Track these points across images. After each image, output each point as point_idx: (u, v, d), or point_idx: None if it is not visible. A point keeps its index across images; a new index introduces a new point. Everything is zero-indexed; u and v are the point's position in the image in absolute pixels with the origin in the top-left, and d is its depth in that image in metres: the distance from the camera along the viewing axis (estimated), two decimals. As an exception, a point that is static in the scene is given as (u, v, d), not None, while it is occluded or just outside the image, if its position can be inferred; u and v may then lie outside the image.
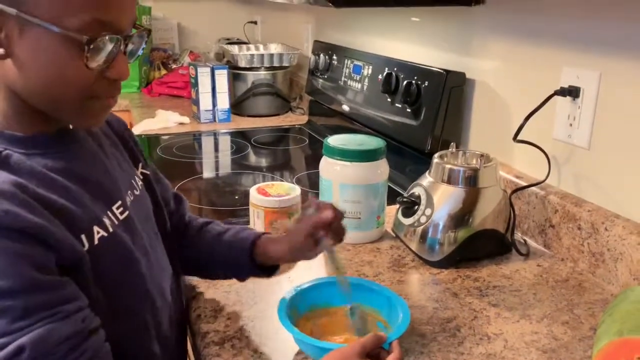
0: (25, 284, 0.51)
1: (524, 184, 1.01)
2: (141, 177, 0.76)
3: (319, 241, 0.73)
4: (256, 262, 0.78)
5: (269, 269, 0.80)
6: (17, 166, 0.55)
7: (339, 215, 0.74)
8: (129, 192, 0.69)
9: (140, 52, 0.61)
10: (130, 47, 0.59)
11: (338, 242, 0.75)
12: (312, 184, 1.36)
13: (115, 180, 0.66)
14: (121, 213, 0.65)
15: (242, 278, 0.83)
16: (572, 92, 0.94)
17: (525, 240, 1.01)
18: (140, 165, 0.77)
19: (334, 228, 0.74)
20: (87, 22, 0.53)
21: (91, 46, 0.54)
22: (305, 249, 0.75)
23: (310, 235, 0.73)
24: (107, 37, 0.55)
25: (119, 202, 0.65)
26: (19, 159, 0.56)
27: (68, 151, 0.61)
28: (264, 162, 1.60)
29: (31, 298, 0.51)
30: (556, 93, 0.95)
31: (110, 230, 0.62)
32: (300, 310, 0.74)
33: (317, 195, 1.07)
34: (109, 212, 0.63)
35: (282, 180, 1.37)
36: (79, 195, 0.59)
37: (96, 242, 0.59)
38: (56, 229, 0.54)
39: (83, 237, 0.58)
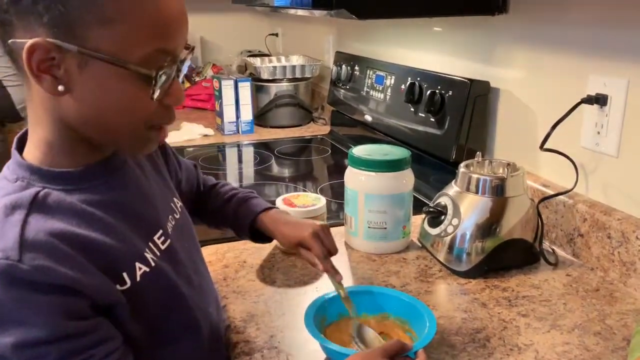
0: (58, 333, 0.51)
1: (551, 192, 1.00)
2: (179, 198, 0.75)
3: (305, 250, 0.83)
4: (255, 234, 0.88)
5: (266, 237, 0.89)
6: (55, 205, 0.54)
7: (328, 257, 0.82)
8: (170, 217, 0.68)
9: (185, 70, 0.60)
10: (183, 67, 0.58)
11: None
12: (335, 194, 1.36)
13: (156, 208, 0.65)
14: (162, 242, 0.64)
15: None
16: (599, 100, 0.93)
17: (553, 250, 1.00)
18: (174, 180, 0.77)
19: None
20: (149, 53, 0.52)
21: (158, 78, 0.53)
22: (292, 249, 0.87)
23: (297, 246, 0.84)
24: (172, 67, 0.54)
25: (160, 232, 0.64)
26: (58, 197, 0.55)
27: (109, 182, 0.60)
28: (287, 172, 1.61)
29: (64, 345, 0.51)
30: (583, 101, 0.94)
31: (152, 264, 0.60)
32: (329, 318, 0.75)
33: (342, 205, 1.07)
34: (150, 244, 0.62)
35: (306, 191, 1.38)
36: (120, 229, 0.58)
37: (138, 278, 0.58)
38: (91, 278, 0.53)
39: (125, 275, 0.57)
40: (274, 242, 1.04)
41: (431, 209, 0.97)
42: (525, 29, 1.10)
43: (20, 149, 0.59)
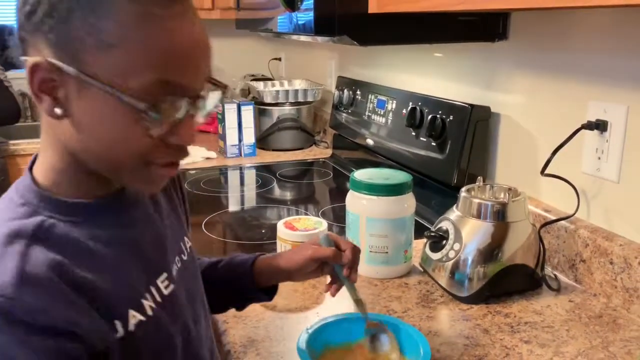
0: None
1: (553, 217, 1.00)
2: (189, 237, 0.71)
3: (323, 268, 0.76)
4: (257, 284, 0.77)
5: (269, 291, 0.79)
6: (58, 238, 0.51)
7: (356, 257, 0.76)
8: (177, 258, 0.64)
9: (209, 108, 0.54)
10: (204, 105, 0.53)
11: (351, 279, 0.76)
12: (336, 217, 1.36)
13: (164, 249, 0.62)
14: (166, 287, 0.60)
15: (241, 305, 0.80)
16: (599, 126, 0.94)
17: (555, 275, 0.99)
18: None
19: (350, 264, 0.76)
20: (150, 83, 0.48)
21: (151, 112, 0.49)
22: (305, 271, 0.76)
23: (314, 260, 0.75)
24: (180, 102, 0.50)
25: (165, 275, 0.60)
26: (63, 230, 0.52)
27: (119, 218, 0.57)
28: (289, 195, 1.61)
29: None
30: (583, 127, 0.95)
31: (150, 313, 0.56)
32: (317, 350, 0.72)
33: (343, 229, 1.07)
34: (151, 288, 0.58)
35: (307, 214, 1.38)
36: (123, 270, 0.55)
37: (131, 327, 0.54)
38: (88, 320, 0.50)
39: (117, 322, 0.53)
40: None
41: (432, 234, 0.97)
42: (525, 55, 1.11)
43: (32, 168, 0.57)
